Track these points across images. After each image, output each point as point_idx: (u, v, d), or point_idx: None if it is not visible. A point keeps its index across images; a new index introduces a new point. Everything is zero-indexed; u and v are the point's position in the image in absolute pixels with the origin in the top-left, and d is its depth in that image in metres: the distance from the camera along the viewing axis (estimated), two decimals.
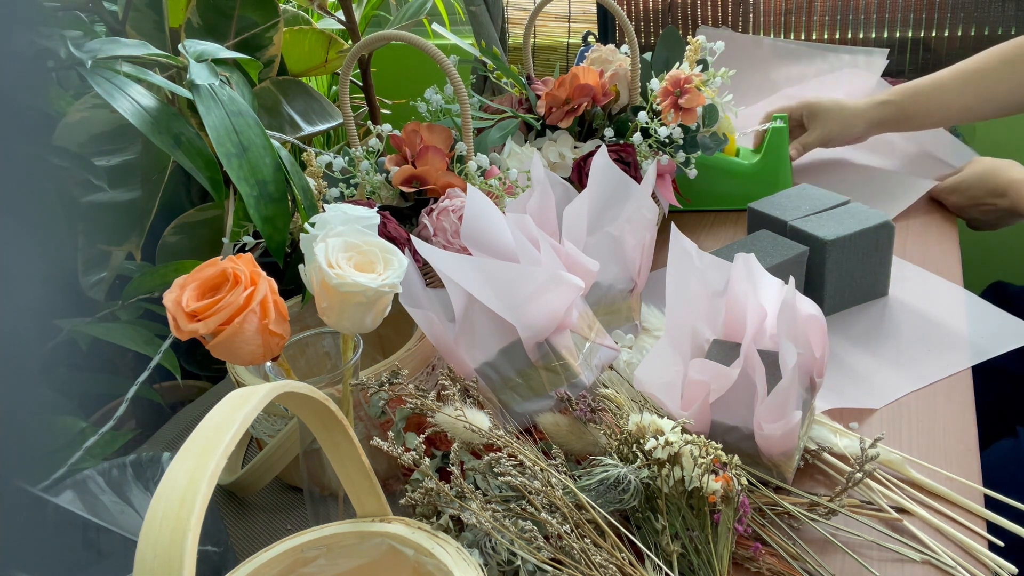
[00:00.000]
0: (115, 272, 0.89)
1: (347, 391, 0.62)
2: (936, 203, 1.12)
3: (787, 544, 0.62)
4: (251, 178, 0.74)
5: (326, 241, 0.56)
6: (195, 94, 0.74)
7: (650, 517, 0.59)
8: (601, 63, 1.09)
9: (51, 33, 0.80)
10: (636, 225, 0.80)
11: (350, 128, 0.93)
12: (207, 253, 0.94)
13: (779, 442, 0.63)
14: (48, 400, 0.82)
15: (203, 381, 1.13)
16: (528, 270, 0.66)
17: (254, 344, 0.56)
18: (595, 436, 0.66)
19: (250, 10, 1.08)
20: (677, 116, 0.98)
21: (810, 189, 0.97)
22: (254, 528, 0.74)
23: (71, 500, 0.61)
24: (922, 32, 1.46)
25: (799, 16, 1.53)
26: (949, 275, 0.95)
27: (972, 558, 0.60)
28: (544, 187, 0.79)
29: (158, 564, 0.31)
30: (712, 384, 0.64)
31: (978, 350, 0.82)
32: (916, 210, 1.10)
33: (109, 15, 0.92)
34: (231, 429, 0.36)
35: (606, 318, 0.81)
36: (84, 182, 0.84)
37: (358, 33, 1.32)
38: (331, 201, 0.90)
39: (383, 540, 0.52)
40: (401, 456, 0.58)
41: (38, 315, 0.79)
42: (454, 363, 0.68)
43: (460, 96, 0.84)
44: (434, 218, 0.81)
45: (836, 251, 0.86)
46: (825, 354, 0.67)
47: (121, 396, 0.75)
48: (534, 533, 0.55)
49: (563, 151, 1.01)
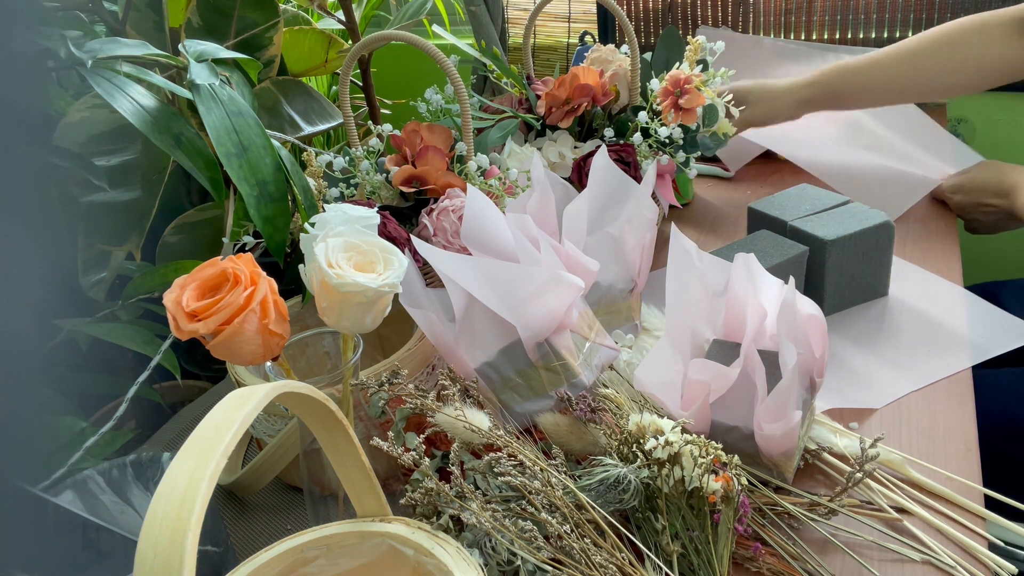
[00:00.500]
0: (115, 272, 0.89)
1: (347, 391, 0.62)
2: (937, 203, 1.12)
3: (787, 544, 0.62)
4: (251, 178, 0.74)
5: (326, 241, 0.56)
6: (195, 94, 0.74)
7: (650, 517, 0.59)
8: (601, 63, 1.09)
9: (51, 33, 0.80)
10: (636, 225, 0.80)
11: (350, 128, 0.93)
12: (207, 253, 0.94)
13: (779, 442, 0.63)
14: (48, 400, 0.82)
15: (203, 381, 1.13)
16: (528, 270, 0.66)
17: (254, 344, 0.55)
18: (595, 436, 0.66)
19: (250, 10, 1.08)
20: (677, 116, 0.98)
21: (810, 189, 0.97)
22: (254, 528, 0.74)
23: (71, 500, 0.61)
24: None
25: (799, 16, 1.53)
26: (949, 275, 0.95)
27: (972, 558, 0.60)
28: (544, 187, 0.79)
29: (158, 564, 0.31)
30: (712, 384, 0.64)
31: (978, 350, 0.82)
32: (916, 210, 1.10)
33: (109, 15, 0.92)
34: (231, 429, 0.36)
35: (606, 318, 0.81)
36: (84, 182, 0.84)
37: (358, 33, 1.32)
38: (331, 201, 0.90)
39: (383, 540, 0.52)
40: (401, 456, 0.58)
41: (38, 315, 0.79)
42: (454, 363, 0.68)
43: (460, 96, 0.84)
44: (434, 218, 0.81)
45: (836, 251, 0.86)
46: (825, 354, 0.67)
47: (121, 396, 0.75)
48: (534, 533, 0.55)
49: (563, 151, 1.01)
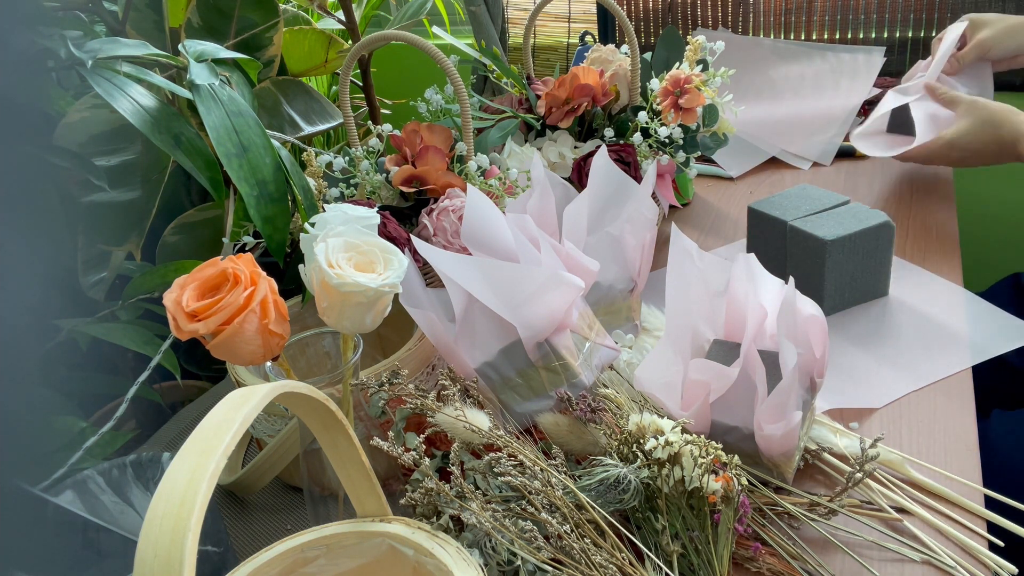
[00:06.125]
0: (115, 272, 0.89)
1: (347, 391, 0.62)
2: (937, 203, 1.12)
3: (787, 544, 0.62)
4: (251, 178, 0.74)
5: (326, 241, 0.56)
6: (195, 94, 0.74)
7: (650, 517, 0.59)
8: (601, 63, 1.09)
9: (51, 33, 0.80)
10: (636, 225, 0.80)
11: (350, 128, 0.93)
12: (207, 253, 0.94)
13: (779, 442, 0.63)
14: (48, 400, 0.82)
15: (203, 381, 1.13)
16: (528, 270, 0.66)
17: (254, 344, 0.55)
18: (595, 436, 0.66)
19: (250, 10, 1.08)
20: (677, 116, 0.98)
21: (810, 189, 0.97)
22: (254, 528, 0.74)
23: (71, 500, 0.61)
24: (922, 32, 1.46)
25: (799, 16, 1.53)
26: (949, 275, 0.95)
27: (972, 558, 0.60)
28: (544, 187, 0.79)
29: (158, 564, 0.31)
30: (712, 384, 0.64)
31: (978, 350, 0.82)
32: (916, 210, 1.10)
33: (109, 15, 0.92)
34: (231, 429, 0.36)
35: (606, 318, 0.81)
36: (84, 182, 0.84)
37: (358, 33, 1.32)
38: (331, 201, 0.90)
39: (383, 540, 0.52)
40: (401, 456, 0.58)
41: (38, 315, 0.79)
42: (454, 363, 0.68)
43: (460, 96, 0.84)
44: (434, 218, 0.81)
45: (836, 251, 0.86)
46: (825, 354, 0.67)
47: (121, 396, 0.75)
48: (534, 533, 0.55)
49: (563, 151, 1.01)
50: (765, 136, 1.33)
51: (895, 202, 1.13)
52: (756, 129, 1.34)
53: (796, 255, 0.90)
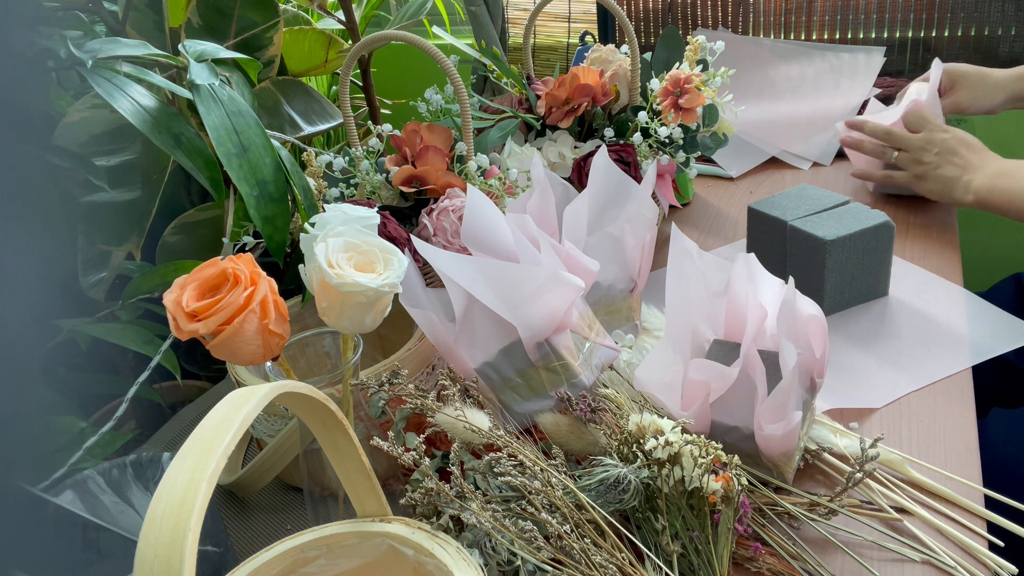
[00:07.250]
0: (115, 272, 0.89)
1: (347, 391, 0.62)
2: (936, 203, 1.11)
3: (787, 544, 0.62)
4: (251, 178, 0.74)
5: (326, 241, 0.56)
6: (195, 94, 0.74)
7: (650, 517, 0.59)
8: (601, 63, 1.09)
9: (51, 33, 0.80)
10: (636, 225, 0.80)
11: (350, 128, 0.93)
12: (207, 253, 0.94)
13: (779, 442, 0.63)
14: (48, 400, 0.82)
15: (203, 381, 1.13)
16: (528, 270, 0.66)
17: (254, 344, 0.56)
18: (595, 436, 0.66)
19: (250, 10, 1.08)
20: (677, 116, 0.98)
21: (810, 189, 0.97)
22: (254, 528, 0.74)
23: (71, 500, 0.61)
24: (922, 32, 1.46)
25: (799, 16, 1.53)
26: (949, 275, 0.95)
27: (972, 558, 0.60)
28: (544, 187, 0.79)
29: (158, 564, 0.31)
30: (712, 384, 0.64)
31: (978, 350, 0.82)
32: (916, 210, 1.10)
33: (109, 15, 0.92)
34: (231, 429, 0.36)
35: (606, 318, 0.81)
36: (84, 182, 0.84)
37: (358, 33, 1.32)
38: (331, 201, 0.90)
39: (383, 540, 0.52)
40: (401, 456, 0.58)
41: (38, 315, 0.79)
42: (454, 363, 0.68)
43: (460, 96, 0.84)
44: (434, 218, 0.81)
45: (836, 251, 0.86)
46: (825, 354, 0.67)
47: (121, 396, 0.75)
48: (534, 533, 0.55)
49: (563, 151, 1.01)
50: (765, 136, 1.33)
51: (895, 202, 1.13)
52: (756, 129, 1.34)
53: (796, 255, 0.90)
